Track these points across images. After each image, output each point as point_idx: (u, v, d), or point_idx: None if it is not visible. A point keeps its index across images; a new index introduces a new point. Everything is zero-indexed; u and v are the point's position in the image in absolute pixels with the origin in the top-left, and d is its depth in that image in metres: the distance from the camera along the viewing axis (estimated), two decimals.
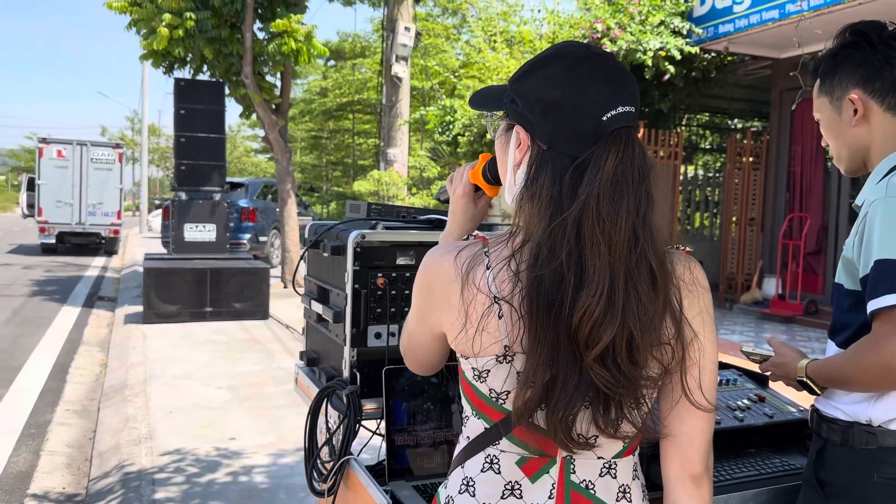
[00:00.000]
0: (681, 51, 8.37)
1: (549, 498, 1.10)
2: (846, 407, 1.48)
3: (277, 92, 11.36)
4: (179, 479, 3.92)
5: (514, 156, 1.13)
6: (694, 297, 1.11)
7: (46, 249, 18.44)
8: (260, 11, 10.54)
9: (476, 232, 1.23)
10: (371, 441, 1.93)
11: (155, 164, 49.50)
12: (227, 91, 10.65)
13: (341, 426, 1.83)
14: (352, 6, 11.98)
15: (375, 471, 1.85)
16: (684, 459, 1.13)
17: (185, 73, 10.61)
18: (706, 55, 9.42)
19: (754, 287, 9.87)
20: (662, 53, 8.32)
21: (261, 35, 10.69)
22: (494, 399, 1.10)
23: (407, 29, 12.36)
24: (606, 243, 1.00)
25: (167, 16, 9.42)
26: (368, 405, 1.88)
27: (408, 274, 1.90)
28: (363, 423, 1.88)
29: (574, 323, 1.00)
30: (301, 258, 2.19)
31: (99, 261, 17.13)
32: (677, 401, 1.11)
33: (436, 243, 1.92)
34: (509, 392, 1.07)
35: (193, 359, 6.89)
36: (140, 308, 8.91)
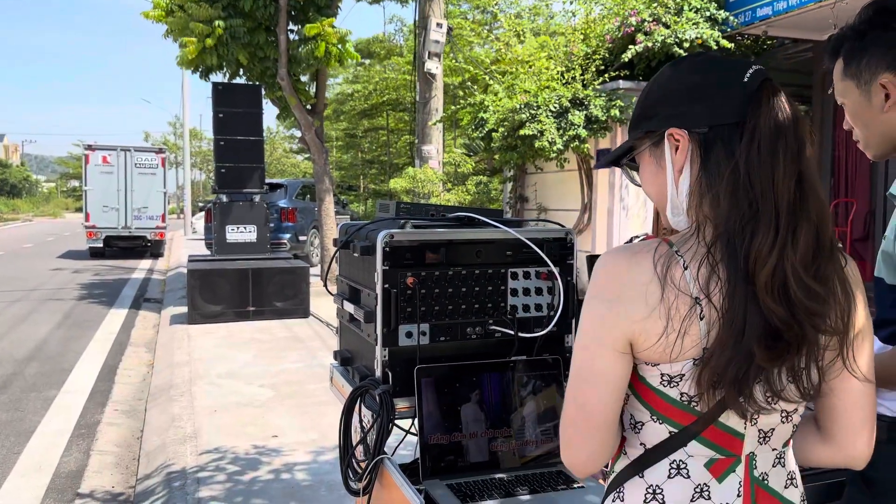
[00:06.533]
0: (717, 42, 8.19)
1: (738, 496, 1.11)
2: (891, 403, 1.44)
3: (313, 92, 11.46)
4: (223, 478, 3.99)
5: (672, 162, 1.13)
6: (858, 287, 1.15)
7: (94, 253, 18.91)
8: (293, 13, 10.63)
9: (647, 233, 1.23)
10: (411, 438, 1.94)
11: (198, 167, 50.32)
12: (263, 93, 10.78)
13: (374, 426, 1.84)
14: (379, 4, 11.99)
15: (410, 469, 1.86)
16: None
17: (222, 78, 10.77)
18: (747, 41, 9.21)
19: None
20: (699, 41, 8.16)
21: (294, 38, 10.79)
22: (686, 402, 1.08)
23: (439, 25, 12.35)
24: (770, 188, 1.04)
25: (196, 25, 9.56)
26: (401, 404, 1.89)
27: (437, 272, 1.91)
28: (397, 421, 1.89)
29: (750, 267, 1.02)
30: (332, 259, 2.20)
31: (145, 263, 17.52)
32: (838, 373, 1.13)
33: (466, 242, 1.92)
34: (703, 393, 1.06)
35: (237, 358, 7.00)
36: (185, 309, 9.09)
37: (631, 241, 1.17)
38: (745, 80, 1.10)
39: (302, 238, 15.32)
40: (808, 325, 1.05)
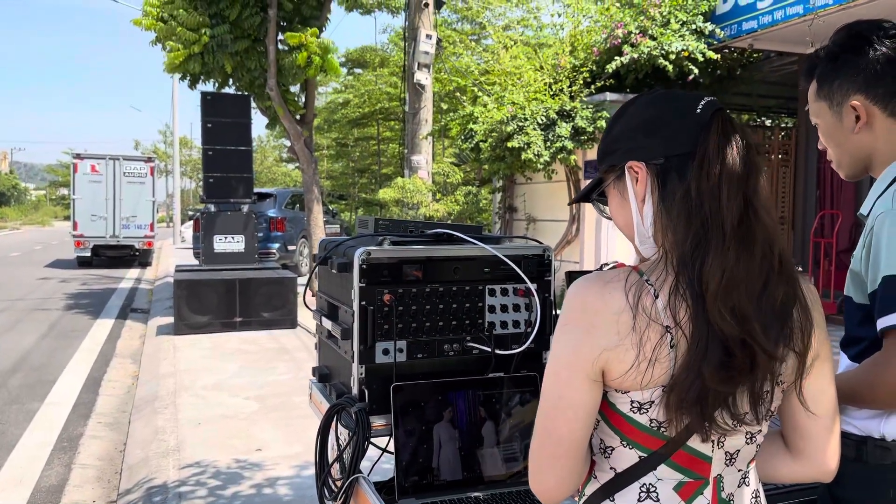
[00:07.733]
0: (703, 54, 8.26)
1: None
2: (859, 422, 1.44)
3: (301, 102, 11.46)
4: (204, 492, 3.96)
5: (635, 193, 1.16)
6: (816, 309, 1.16)
7: (82, 263, 18.81)
8: (283, 24, 10.66)
9: (617, 260, 1.25)
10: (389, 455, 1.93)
11: (187, 175, 50.22)
12: (252, 103, 10.77)
13: (350, 444, 1.84)
14: (370, 14, 12.03)
15: (388, 487, 1.85)
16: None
17: (211, 87, 10.77)
18: (733, 53, 9.28)
19: None
20: (685, 53, 8.22)
21: (283, 48, 10.81)
22: (655, 428, 1.10)
23: (428, 36, 12.39)
24: (717, 212, 1.06)
25: (181, 30, 9.57)
26: (378, 421, 1.88)
27: (414, 289, 1.90)
28: (373, 439, 1.88)
29: (704, 286, 1.04)
30: (311, 275, 2.20)
31: (133, 273, 17.43)
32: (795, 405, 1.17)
33: (444, 258, 1.92)
34: (671, 418, 1.08)
35: (223, 369, 6.96)
36: (172, 319, 9.04)
37: (601, 268, 1.18)
38: (698, 111, 1.13)
39: (291, 248, 15.29)
40: (759, 348, 1.06)
